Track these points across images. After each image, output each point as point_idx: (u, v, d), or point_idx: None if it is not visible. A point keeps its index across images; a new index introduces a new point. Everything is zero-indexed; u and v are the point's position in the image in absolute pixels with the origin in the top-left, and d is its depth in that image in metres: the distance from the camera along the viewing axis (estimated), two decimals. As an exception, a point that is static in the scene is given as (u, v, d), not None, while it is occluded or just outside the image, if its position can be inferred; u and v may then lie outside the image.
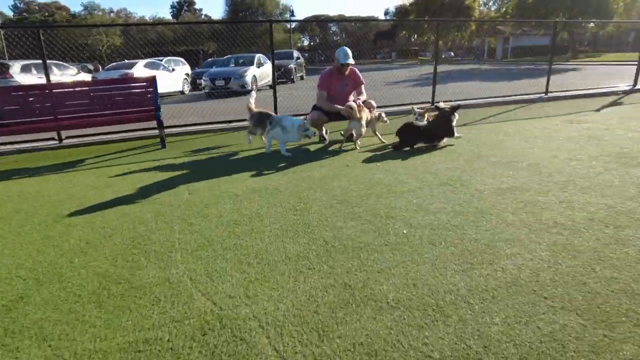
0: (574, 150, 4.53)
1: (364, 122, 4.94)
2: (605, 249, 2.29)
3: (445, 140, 5.03)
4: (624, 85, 10.35)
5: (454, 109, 4.98)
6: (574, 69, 18.90)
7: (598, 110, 7.40)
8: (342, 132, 5.69)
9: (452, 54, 46.08)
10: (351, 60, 5.24)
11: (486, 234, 2.53)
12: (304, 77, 20.52)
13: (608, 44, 40.60)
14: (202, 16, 61.17)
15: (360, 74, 5.49)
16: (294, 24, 55.92)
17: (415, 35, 45.13)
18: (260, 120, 4.98)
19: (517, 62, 30.10)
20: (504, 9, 41.40)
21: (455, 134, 5.06)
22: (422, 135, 4.87)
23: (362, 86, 5.47)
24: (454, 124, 4.98)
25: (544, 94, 9.33)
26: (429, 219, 2.79)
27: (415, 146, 4.90)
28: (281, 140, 4.92)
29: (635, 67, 10.39)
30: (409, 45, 47.79)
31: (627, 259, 2.17)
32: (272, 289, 2.04)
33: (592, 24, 34.32)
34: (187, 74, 16.80)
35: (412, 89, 12.32)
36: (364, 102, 5.27)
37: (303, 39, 64.38)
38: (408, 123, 4.90)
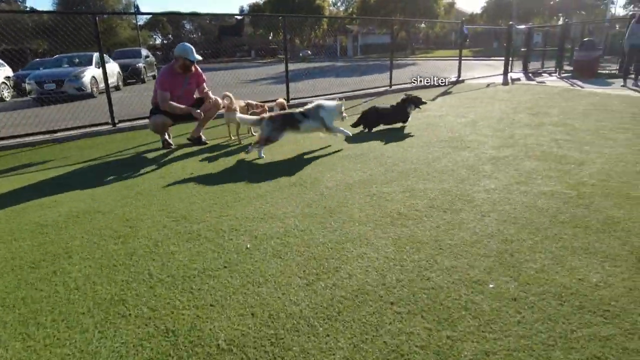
0: (415, 137, 4.80)
1: (239, 112, 4.70)
2: (444, 237, 2.31)
3: (399, 125, 5.49)
4: (452, 77, 11.83)
5: (408, 99, 5.39)
6: (413, 64, 21.07)
7: (434, 99, 8.19)
8: (188, 137, 5.15)
9: (309, 52, 47.78)
10: (199, 57, 4.79)
11: (333, 236, 2.36)
12: (157, 76, 18.87)
13: (437, 42, 46.79)
14: (27, 8, 51.82)
15: (201, 71, 5.02)
16: (141, 21, 51.31)
17: (272, 34, 45.54)
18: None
19: (366, 59, 32.55)
20: (351, 9, 44.48)
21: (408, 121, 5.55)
22: (383, 119, 5.35)
23: (205, 83, 5.01)
24: (409, 111, 5.42)
25: (389, 87, 10.04)
26: (276, 227, 2.52)
27: (374, 129, 5.35)
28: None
29: (457, 62, 12.00)
30: (268, 44, 47.99)
31: (464, 244, 2.21)
32: (65, 357, 1.52)
33: (423, 24, 39.14)
34: (7, 77, 13.92)
35: (268, 86, 12.17)
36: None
37: (155, 36, 59.59)
38: (372, 107, 5.33)
